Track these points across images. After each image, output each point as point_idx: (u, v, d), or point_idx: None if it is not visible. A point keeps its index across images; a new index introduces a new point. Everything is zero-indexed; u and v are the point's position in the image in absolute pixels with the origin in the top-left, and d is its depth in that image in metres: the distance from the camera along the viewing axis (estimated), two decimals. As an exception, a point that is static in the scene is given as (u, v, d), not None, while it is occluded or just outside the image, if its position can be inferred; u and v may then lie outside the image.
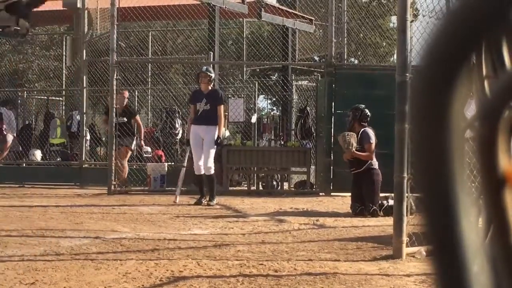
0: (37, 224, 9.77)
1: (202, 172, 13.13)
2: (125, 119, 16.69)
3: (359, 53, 26.65)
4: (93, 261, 7.03)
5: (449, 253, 0.80)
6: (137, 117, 17.48)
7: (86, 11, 19.89)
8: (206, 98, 13.10)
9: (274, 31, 25.62)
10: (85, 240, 8.48)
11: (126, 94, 17.36)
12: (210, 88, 13.30)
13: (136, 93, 22.98)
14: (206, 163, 12.99)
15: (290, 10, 21.15)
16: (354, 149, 12.05)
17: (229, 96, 21.25)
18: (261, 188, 17.19)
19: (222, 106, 13.34)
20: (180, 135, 20.21)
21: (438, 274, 0.81)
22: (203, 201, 13.18)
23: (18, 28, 2.84)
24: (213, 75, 13.51)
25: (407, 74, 7.48)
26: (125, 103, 16.92)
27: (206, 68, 13.65)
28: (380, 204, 11.69)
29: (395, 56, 15.98)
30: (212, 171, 13.12)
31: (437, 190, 0.79)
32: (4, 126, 20.10)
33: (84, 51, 19.34)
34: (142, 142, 17.23)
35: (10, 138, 20.26)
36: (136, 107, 23.06)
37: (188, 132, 13.57)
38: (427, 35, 0.80)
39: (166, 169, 16.69)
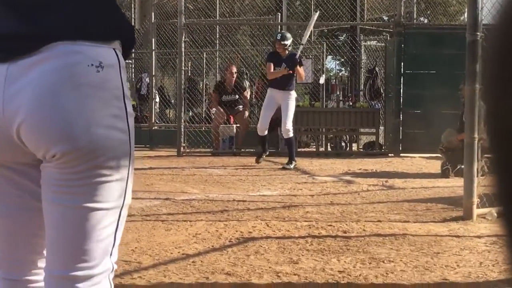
0: (109, 186, 9.90)
1: (265, 133, 13.13)
2: (236, 96, 16.80)
3: (428, 12, 26.26)
4: (164, 222, 7.13)
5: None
6: (246, 92, 17.43)
7: (154, -26, 19.96)
8: (285, 63, 12.90)
9: (342, -9, 25.39)
10: (156, 202, 8.59)
11: (234, 69, 17.31)
12: (287, 52, 13.08)
13: (205, 55, 23.04)
14: (285, 126, 12.86)
15: (359, -31, 20.92)
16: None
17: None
18: (329, 149, 17.15)
19: (302, 67, 13.24)
20: (248, 96, 20.24)
21: (508, 236, 0.80)
22: (263, 157, 13.36)
23: None
24: (288, 42, 13.10)
25: (478, 33, 7.35)
26: (234, 79, 16.97)
27: (280, 36, 13.29)
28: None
29: (465, 14, 15.71)
30: (291, 134, 13.01)
31: (510, 152, 0.78)
32: None
33: (153, 13, 19.44)
34: (246, 113, 17.12)
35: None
36: (204, 69, 23.13)
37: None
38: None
39: (235, 130, 16.74)
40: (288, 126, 12.86)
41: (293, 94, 13.08)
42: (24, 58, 2.03)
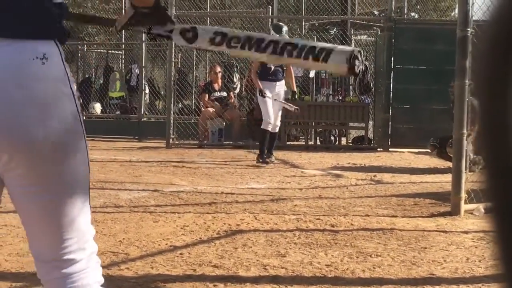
0: (97, 177, 9.90)
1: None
2: (225, 93, 16.80)
3: (419, 7, 26.26)
4: (152, 214, 7.13)
5: (510, 212, 0.79)
6: (233, 93, 17.38)
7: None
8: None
9: (334, -15, 25.38)
10: (144, 193, 8.58)
11: (218, 69, 17.31)
12: None
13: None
14: (276, 121, 12.68)
15: (350, -36, 20.90)
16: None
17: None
18: (318, 143, 17.17)
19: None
20: (238, 89, 20.21)
21: (497, 232, 0.81)
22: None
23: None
24: (283, 31, 12.52)
25: (468, 29, 7.36)
26: (219, 78, 16.95)
27: (273, 26, 13.08)
28: None
29: (456, 10, 15.74)
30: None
31: (501, 149, 0.78)
32: None
33: (143, 5, 19.36)
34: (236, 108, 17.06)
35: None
36: (195, 61, 23.10)
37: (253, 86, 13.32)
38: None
39: (224, 123, 16.73)
40: (277, 123, 12.73)
41: (283, 84, 12.93)
42: None
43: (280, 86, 12.70)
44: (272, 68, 12.52)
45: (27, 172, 2.19)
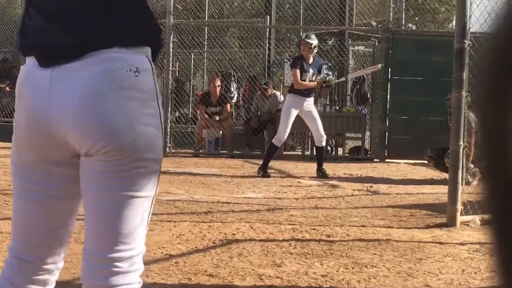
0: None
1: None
2: (221, 108, 16.65)
3: (416, 18, 26.29)
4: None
5: (509, 224, 0.79)
6: (229, 105, 17.24)
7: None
8: (312, 69, 11.94)
9: (332, -5, 25.42)
10: (140, 201, 8.56)
11: (217, 82, 17.05)
12: (313, 56, 12.09)
13: (192, 56, 23.03)
14: (320, 134, 12.21)
15: (348, -26, 20.94)
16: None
17: (285, 60, 21.18)
18: (315, 153, 17.16)
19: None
20: (235, 98, 20.22)
21: (495, 243, 0.81)
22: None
23: None
24: (314, 42, 12.03)
25: (466, 41, 7.38)
26: (218, 90, 16.79)
27: (306, 35, 12.50)
28: None
29: (453, 22, 15.76)
30: (324, 142, 12.57)
31: (500, 162, 0.78)
32: None
33: (141, 13, 19.39)
34: (216, 118, 16.77)
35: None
36: (192, 70, 23.11)
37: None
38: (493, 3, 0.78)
39: (221, 132, 16.72)
40: (323, 134, 12.28)
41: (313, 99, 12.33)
42: (68, 63, 2.33)
43: (309, 103, 12.02)
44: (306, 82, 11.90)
45: (113, 168, 2.35)
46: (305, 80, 11.86)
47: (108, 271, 2.37)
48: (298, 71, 11.84)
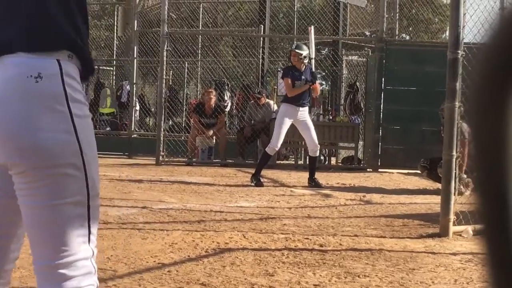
0: (86, 193, 9.87)
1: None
2: (215, 120, 16.61)
3: (410, 29, 26.38)
4: (140, 231, 7.10)
5: (502, 235, 0.79)
6: (223, 117, 17.22)
7: (138, -18, 19.93)
8: (304, 76, 11.90)
9: (325, 5, 25.45)
10: (133, 210, 8.56)
11: (213, 93, 17.12)
12: (304, 66, 11.98)
13: (186, 64, 23.05)
14: (315, 144, 12.21)
15: (342, -16, 20.98)
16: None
17: (279, 69, 21.20)
18: (308, 162, 17.15)
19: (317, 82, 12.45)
20: (228, 107, 20.23)
21: (488, 254, 0.81)
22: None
23: None
24: (304, 52, 11.97)
25: (459, 51, 7.40)
26: (212, 102, 16.77)
27: (296, 45, 12.41)
28: None
29: (447, 32, 15.79)
30: (318, 152, 12.57)
31: (494, 172, 0.79)
32: None
33: (136, 21, 19.41)
34: (210, 132, 16.70)
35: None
36: (186, 79, 23.12)
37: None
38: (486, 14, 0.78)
39: (214, 141, 16.72)
40: (317, 144, 12.30)
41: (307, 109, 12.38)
42: None
43: (303, 112, 12.01)
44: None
45: (25, 180, 2.31)
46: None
47: (56, 278, 2.36)
48: (289, 79, 11.87)
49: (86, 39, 2.48)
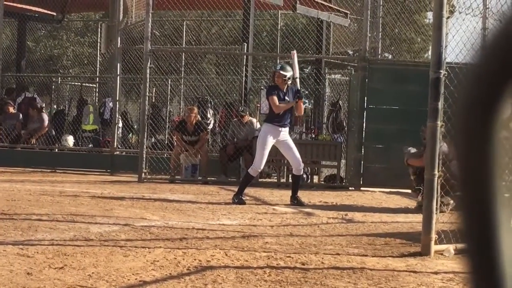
0: (68, 209, 9.84)
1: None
2: (197, 138, 16.58)
3: (393, 48, 26.52)
4: (122, 248, 7.08)
5: (485, 254, 0.79)
6: (205, 134, 17.22)
7: (122, -1, 19.95)
8: (288, 97, 11.87)
9: (309, 23, 25.56)
10: (115, 227, 8.53)
11: (195, 110, 17.20)
12: (287, 86, 11.92)
13: (169, 82, 23.06)
14: (299, 163, 12.17)
15: (326, 3, 21.07)
16: None
17: (262, 87, 21.25)
18: (290, 180, 17.17)
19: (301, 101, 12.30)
20: (211, 125, 20.23)
21: (472, 272, 0.81)
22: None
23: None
24: (288, 74, 11.89)
25: (441, 71, 7.44)
26: (193, 119, 16.79)
27: (280, 67, 12.33)
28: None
29: (429, 52, 15.88)
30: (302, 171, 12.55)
31: (478, 193, 0.79)
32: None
33: (119, 38, 19.40)
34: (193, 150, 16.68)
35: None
36: (169, 96, 23.11)
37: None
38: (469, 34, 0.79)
39: (198, 159, 16.69)
40: (301, 162, 12.27)
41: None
42: None
43: (285, 133, 12.00)
44: (281, 112, 11.83)
45: None
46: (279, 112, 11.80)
47: None
48: (275, 97, 11.81)
49: None
